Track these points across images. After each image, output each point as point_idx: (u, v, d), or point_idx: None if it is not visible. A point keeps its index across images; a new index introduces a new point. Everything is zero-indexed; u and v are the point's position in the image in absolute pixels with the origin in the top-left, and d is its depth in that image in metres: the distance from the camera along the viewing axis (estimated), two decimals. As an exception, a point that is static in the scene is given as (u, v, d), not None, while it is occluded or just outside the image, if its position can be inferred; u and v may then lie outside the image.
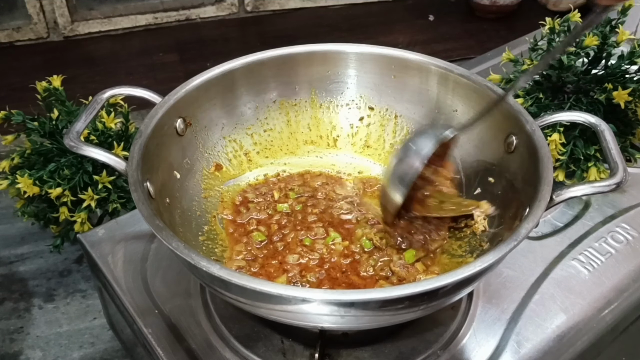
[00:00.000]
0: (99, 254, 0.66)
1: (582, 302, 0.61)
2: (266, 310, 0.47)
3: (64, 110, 0.82)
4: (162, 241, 0.46)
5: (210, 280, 0.46)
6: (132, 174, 0.51)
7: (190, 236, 0.59)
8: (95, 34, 1.73)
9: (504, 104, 0.58)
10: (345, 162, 0.71)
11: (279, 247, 0.60)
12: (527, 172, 0.55)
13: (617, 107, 0.71)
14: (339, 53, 0.69)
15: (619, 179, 0.51)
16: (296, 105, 0.71)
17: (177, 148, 0.62)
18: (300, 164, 0.71)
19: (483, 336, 0.57)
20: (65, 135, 0.55)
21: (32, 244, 0.99)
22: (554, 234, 0.68)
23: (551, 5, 1.86)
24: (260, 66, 0.67)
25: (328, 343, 0.56)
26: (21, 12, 1.65)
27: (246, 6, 1.84)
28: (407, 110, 0.70)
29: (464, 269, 0.44)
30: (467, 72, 0.64)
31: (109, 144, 0.79)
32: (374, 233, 0.60)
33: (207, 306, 0.60)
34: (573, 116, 0.60)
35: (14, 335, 0.85)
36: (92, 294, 0.91)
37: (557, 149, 0.70)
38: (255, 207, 0.64)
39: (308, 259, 0.58)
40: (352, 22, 1.84)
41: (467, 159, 0.65)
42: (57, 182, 0.76)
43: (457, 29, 1.80)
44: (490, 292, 0.61)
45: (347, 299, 0.43)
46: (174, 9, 1.78)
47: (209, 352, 0.56)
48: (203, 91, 0.64)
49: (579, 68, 0.76)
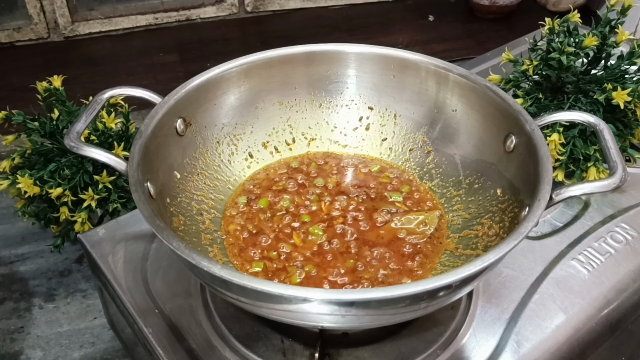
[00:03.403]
0: (100, 254, 0.66)
1: (582, 301, 0.61)
2: (267, 309, 0.47)
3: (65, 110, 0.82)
4: (163, 241, 0.46)
5: (210, 280, 0.47)
6: (132, 174, 0.51)
7: (190, 236, 0.59)
8: (95, 34, 1.73)
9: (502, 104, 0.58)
10: (344, 161, 0.71)
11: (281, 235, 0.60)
12: (527, 172, 0.55)
13: (617, 107, 0.71)
14: (339, 53, 0.69)
15: (618, 179, 0.51)
16: (296, 105, 0.71)
17: (177, 148, 0.62)
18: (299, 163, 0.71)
19: (483, 336, 0.57)
20: (65, 135, 0.55)
21: (33, 243, 0.99)
22: (553, 233, 0.68)
23: (551, 5, 1.87)
24: (260, 66, 0.67)
25: (328, 343, 0.56)
26: (21, 12, 1.65)
27: (246, 6, 1.84)
28: (407, 110, 0.70)
29: (463, 269, 0.44)
30: (467, 72, 0.64)
31: (110, 144, 0.79)
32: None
33: (208, 306, 0.60)
34: (572, 116, 0.60)
35: (14, 335, 0.85)
36: (93, 293, 0.91)
37: (557, 149, 0.70)
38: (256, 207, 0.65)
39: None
40: (352, 22, 1.84)
41: (466, 159, 0.65)
42: (57, 182, 0.76)
43: (457, 29, 1.80)
44: (490, 292, 0.61)
45: (348, 299, 0.43)
46: (174, 9, 1.78)
47: (209, 351, 0.56)
48: (203, 91, 0.64)
49: (579, 68, 0.76)
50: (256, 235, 0.62)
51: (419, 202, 0.66)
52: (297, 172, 0.69)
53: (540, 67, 0.76)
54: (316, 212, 0.64)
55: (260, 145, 0.70)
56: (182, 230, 0.57)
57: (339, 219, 0.63)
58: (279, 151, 0.71)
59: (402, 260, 0.59)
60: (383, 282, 0.57)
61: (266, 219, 0.63)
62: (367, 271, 0.57)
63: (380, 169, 0.70)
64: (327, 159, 0.71)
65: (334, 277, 0.57)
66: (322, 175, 0.69)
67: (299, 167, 0.70)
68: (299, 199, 0.65)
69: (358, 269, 0.58)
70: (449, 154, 0.67)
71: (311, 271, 0.57)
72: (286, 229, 0.62)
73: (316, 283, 0.56)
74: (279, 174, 0.69)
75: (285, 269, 0.58)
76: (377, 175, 0.69)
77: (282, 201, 0.65)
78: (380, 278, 0.57)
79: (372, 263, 0.58)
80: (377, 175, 0.69)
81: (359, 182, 0.68)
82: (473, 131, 0.65)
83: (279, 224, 0.63)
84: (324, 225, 0.62)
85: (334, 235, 0.61)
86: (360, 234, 0.61)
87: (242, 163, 0.69)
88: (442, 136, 0.68)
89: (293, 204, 0.65)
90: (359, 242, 0.60)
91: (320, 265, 0.58)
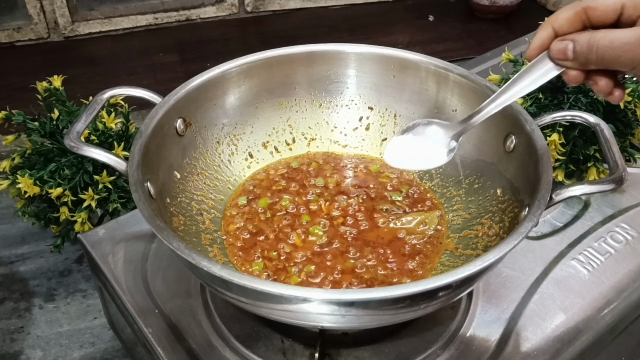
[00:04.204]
0: (100, 254, 0.66)
1: (582, 301, 0.61)
2: (267, 309, 0.47)
3: (65, 110, 0.82)
4: (163, 241, 0.46)
5: (211, 280, 0.47)
6: (132, 174, 0.51)
7: (190, 236, 0.59)
8: (95, 34, 1.73)
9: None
10: (344, 161, 0.71)
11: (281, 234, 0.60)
12: (527, 172, 0.55)
13: (617, 107, 0.71)
14: (339, 53, 0.69)
15: (618, 179, 0.51)
16: (296, 105, 0.71)
17: (177, 148, 0.62)
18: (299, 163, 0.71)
19: (483, 336, 0.57)
20: (65, 135, 0.55)
21: (33, 243, 0.99)
22: (553, 233, 0.68)
23: (551, 5, 1.87)
24: (260, 66, 0.67)
25: (328, 343, 0.56)
26: (22, 12, 1.65)
27: (246, 6, 1.84)
28: (407, 110, 0.70)
29: (463, 269, 0.44)
30: (467, 72, 0.64)
31: (110, 144, 0.79)
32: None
33: (208, 306, 0.60)
34: (572, 116, 0.60)
35: (14, 335, 0.85)
36: (93, 293, 0.91)
37: (557, 149, 0.70)
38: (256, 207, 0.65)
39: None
40: (352, 22, 1.84)
41: (466, 159, 0.65)
42: (57, 182, 0.76)
43: (457, 29, 1.80)
44: (490, 292, 0.61)
45: (348, 299, 0.43)
46: (174, 9, 1.78)
47: (209, 351, 0.56)
48: (203, 91, 0.64)
49: (579, 68, 0.76)
50: (256, 235, 0.62)
51: (419, 202, 0.66)
52: (297, 172, 0.69)
53: (540, 67, 0.76)
54: (316, 212, 0.64)
55: (260, 145, 0.70)
56: (182, 230, 0.57)
57: (339, 219, 0.63)
58: (279, 151, 0.71)
59: (402, 260, 0.59)
60: (383, 282, 0.57)
61: (266, 219, 0.63)
62: (367, 271, 0.57)
63: (380, 168, 0.70)
64: (327, 159, 0.71)
65: (334, 277, 0.57)
66: (322, 175, 0.69)
67: (299, 167, 0.70)
68: (299, 199, 0.65)
69: (358, 269, 0.58)
70: (449, 154, 0.67)
71: (311, 271, 0.57)
72: (286, 229, 0.62)
73: (316, 283, 0.56)
74: (279, 174, 0.69)
75: (285, 269, 0.58)
76: (377, 175, 0.69)
77: (282, 201, 0.65)
78: (380, 278, 0.57)
79: (372, 263, 0.58)
80: (377, 175, 0.69)
81: (359, 182, 0.68)
82: (473, 131, 0.64)
83: (279, 224, 0.63)
84: (324, 225, 0.62)
85: (334, 235, 0.61)
86: (360, 234, 0.61)
87: (242, 163, 0.69)
88: (442, 136, 0.68)
89: (293, 204, 0.65)
90: (359, 242, 0.60)
91: (320, 265, 0.58)
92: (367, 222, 0.62)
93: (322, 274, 0.57)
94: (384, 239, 0.61)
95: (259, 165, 0.70)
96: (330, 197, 0.66)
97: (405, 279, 0.57)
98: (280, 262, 0.59)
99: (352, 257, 0.59)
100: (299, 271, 0.57)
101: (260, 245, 0.60)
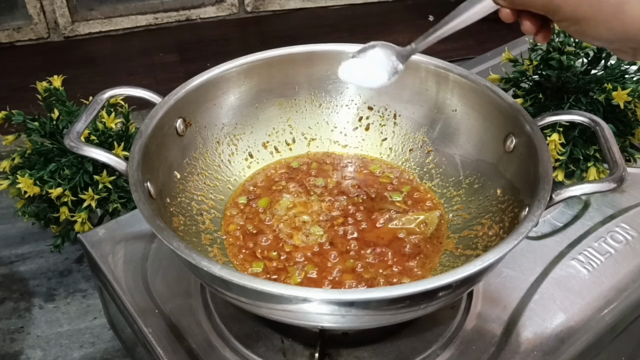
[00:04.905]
0: (100, 254, 0.66)
1: (582, 301, 0.61)
2: (267, 309, 0.47)
3: (65, 110, 0.82)
4: (163, 241, 0.46)
5: (210, 280, 0.47)
6: (132, 174, 0.51)
7: (190, 236, 0.59)
8: (95, 34, 1.73)
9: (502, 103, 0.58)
10: (344, 161, 0.71)
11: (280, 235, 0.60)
12: (527, 172, 0.55)
13: (617, 107, 0.71)
14: (339, 53, 0.69)
15: (618, 179, 0.51)
16: (296, 105, 0.71)
17: (177, 148, 0.62)
18: (299, 163, 0.71)
19: (483, 336, 0.57)
20: (65, 135, 0.55)
21: (33, 243, 0.99)
22: (553, 233, 0.68)
23: (551, 5, 1.86)
24: (260, 66, 0.67)
25: (328, 343, 0.56)
26: (21, 12, 1.65)
27: (246, 6, 1.84)
28: (407, 110, 0.70)
29: (463, 269, 0.44)
30: (467, 72, 0.64)
31: (110, 144, 0.79)
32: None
33: (208, 306, 0.60)
34: (572, 116, 0.60)
35: (14, 335, 0.85)
36: (93, 293, 0.91)
37: (557, 149, 0.70)
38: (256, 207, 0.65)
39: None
40: (352, 22, 1.84)
41: (466, 159, 0.65)
42: (57, 182, 0.76)
43: (457, 29, 1.80)
44: (490, 292, 0.61)
45: (348, 299, 0.43)
46: (174, 9, 1.78)
47: (209, 351, 0.56)
48: (203, 91, 0.64)
49: (579, 68, 0.76)
50: (256, 235, 0.62)
51: (419, 202, 0.66)
52: (297, 172, 0.69)
53: (540, 67, 0.76)
54: (316, 212, 0.64)
55: (260, 145, 0.70)
56: (182, 230, 0.57)
57: (339, 219, 0.63)
58: (279, 151, 0.71)
59: (402, 260, 0.59)
60: (383, 282, 0.57)
61: (266, 219, 0.63)
62: (367, 271, 0.57)
63: (380, 169, 0.70)
64: (327, 159, 0.71)
65: (334, 277, 0.57)
66: (322, 175, 0.69)
67: (299, 167, 0.70)
68: (299, 199, 0.65)
69: (358, 269, 0.58)
70: (449, 154, 0.67)
71: (311, 271, 0.57)
72: (286, 229, 0.62)
73: (316, 283, 0.56)
74: (279, 174, 0.69)
75: (285, 269, 0.58)
76: (377, 175, 0.69)
77: (282, 201, 0.65)
78: (380, 278, 0.57)
79: (372, 263, 0.58)
80: (377, 175, 0.69)
81: (359, 182, 0.68)
82: (473, 131, 0.65)
83: (279, 224, 0.63)
84: (324, 225, 0.62)
85: (334, 235, 0.61)
86: (360, 234, 0.61)
87: (242, 163, 0.69)
88: (442, 136, 0.68)
89: (293, 204, 0.65)
90: (359, 242, 0.60)
91: (320, 265, 0.58)
92: (367, 222, 0.62)
93: (322, 274, 0.57)
94: (384, 239, 0.61)
95: (259, 165, 0.70)
96: (330, 197, 0.66)
97: (405, 279, 0.57)
98: (280, 262, 0.59)
99: (352, 257, 0.59)
100: (299, 271, 0.57)
101: (260, 245, 0.60)
